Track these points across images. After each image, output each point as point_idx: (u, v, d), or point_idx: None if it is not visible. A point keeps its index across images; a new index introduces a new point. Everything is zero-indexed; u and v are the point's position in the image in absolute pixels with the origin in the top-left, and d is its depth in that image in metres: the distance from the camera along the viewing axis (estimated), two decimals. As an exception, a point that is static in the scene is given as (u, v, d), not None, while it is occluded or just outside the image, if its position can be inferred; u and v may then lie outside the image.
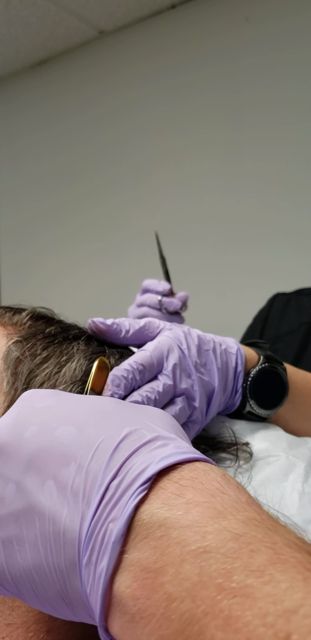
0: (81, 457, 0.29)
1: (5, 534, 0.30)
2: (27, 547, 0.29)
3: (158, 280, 1.04)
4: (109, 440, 0.29)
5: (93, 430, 0.30)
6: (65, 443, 0.30)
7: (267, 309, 1.14)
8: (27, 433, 0.31)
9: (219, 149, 1.86)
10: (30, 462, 0.30)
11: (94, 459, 0.28)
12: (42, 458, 0.30)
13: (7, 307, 0.51)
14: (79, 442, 0.29)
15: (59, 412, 0.32)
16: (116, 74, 2.11)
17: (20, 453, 0.30)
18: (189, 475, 0.27)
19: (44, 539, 0.28)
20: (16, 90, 2.42)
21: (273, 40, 1.75)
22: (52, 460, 0.29)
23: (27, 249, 2.41)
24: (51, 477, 0.29)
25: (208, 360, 0.48)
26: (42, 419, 0.31)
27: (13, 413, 0.33)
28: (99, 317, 0.49)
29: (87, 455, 0.29)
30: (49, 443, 0.30)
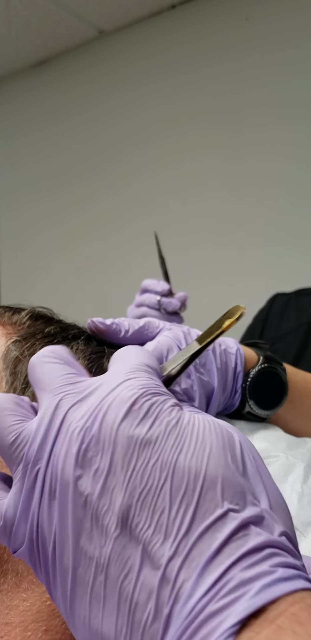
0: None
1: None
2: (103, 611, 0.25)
3: (157, 281, 1.04)
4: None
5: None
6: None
7: (267, 309, 1.14)
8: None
9: (220, 148, 1.86)
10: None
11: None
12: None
13: (6, 307, 0.50)
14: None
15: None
16: (116, 74, 2.11)
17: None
18: (291, 611, 0.21)
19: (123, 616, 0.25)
20: (16, 90, 2.42)
21: (273, 41, 1.75)
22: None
23: (27, 248, 2.41)
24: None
25: (207, 360, 0.48)
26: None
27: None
28: (98, 317, 0.49)
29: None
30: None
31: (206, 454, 0.25)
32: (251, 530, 0.23)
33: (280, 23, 1.73)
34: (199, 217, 1.91)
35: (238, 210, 1.82)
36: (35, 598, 0.38)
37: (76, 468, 0.27)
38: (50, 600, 0.38)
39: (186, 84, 1.93)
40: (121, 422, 0.27)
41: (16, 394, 0.43)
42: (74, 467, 0.27)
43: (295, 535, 0.26)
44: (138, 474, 0.25)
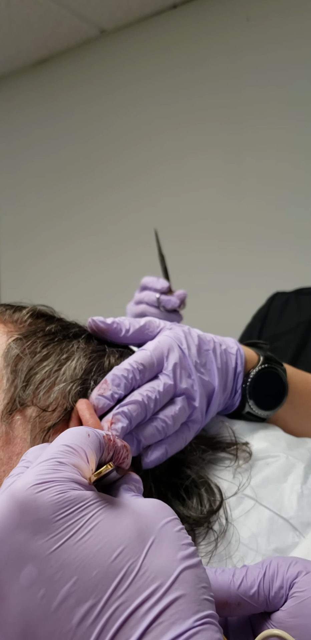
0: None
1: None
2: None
3: (156, 278, 1.04)
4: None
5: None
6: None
7: (266, 308, 1.14)
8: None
9: (220, 147, 1.86)
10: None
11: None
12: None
13: (7, 305, 0.51)
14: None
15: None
16: (116, 73, 2.11)
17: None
18: None
19: None
20: (17, 89, 2.42)
21: (273, 41, 1.75)
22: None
23: (27, 246, 2.40)
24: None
25: (208, 360, 0.48)
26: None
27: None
28: (99, 316, 0.49)
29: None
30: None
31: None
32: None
33: (281, 23, 1.73)
34: (198, 215, 1.91)
35: (237, 209, 1.82)
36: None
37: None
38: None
39: (186, 84, 1.93)
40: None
41: (18, 393, 0.43)
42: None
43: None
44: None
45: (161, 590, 0.24)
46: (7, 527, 0.26)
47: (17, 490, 0.27)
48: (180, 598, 0.24)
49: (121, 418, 0.41)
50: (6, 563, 0.26)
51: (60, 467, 0.28)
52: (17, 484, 0.27)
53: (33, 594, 0.25)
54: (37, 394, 0.43)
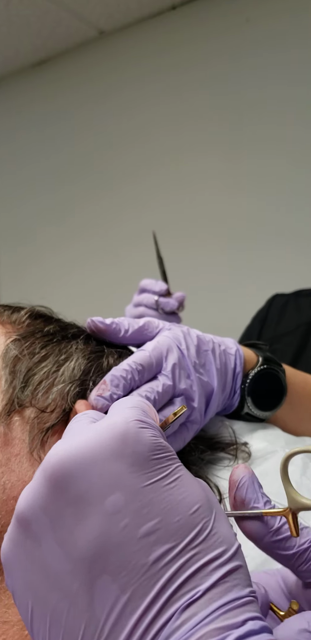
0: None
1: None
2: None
3: (155, 280, 1.04)
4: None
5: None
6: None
7: (266, 309, 1.14)
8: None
9: (219, 148, 1.87)
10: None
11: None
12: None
13: (6, 306, 0.50)
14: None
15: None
16: (115, 74, 2.11)
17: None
18: None
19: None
20: (16, 90, 2.42)
21: (272, 42, 1.75)
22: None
23: (26, 246, 2.40)
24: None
25: (207, 360, 0.48)
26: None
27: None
28: (98, 317, 0.49)
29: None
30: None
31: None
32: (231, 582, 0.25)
33: (280, 24, 1.73)
34: (197, 216, 1.91)
35: (236, 210, 1.82)
36: (33, 597, 0.38)
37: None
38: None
39: (185, 84, 1.93)
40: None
41: (17, 394, 0.43)
42: None
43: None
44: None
45: (227, 554, 0.26)
46: (106, 452, 0.27)
47: (119, 422, 0.28)
48: (240, 568, 0.26)
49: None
50: (96, 485, 0.26)
51: (147, 416, 0.29)
52: (118, 417, 0.28)
53: (116, 521, 0.26)
54: (35, 395, 0.43)
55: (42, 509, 0.27)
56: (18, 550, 0.28)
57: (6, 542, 0.29)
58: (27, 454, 0.41)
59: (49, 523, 0.27)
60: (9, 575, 0.28)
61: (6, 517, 0.39)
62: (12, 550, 0.28)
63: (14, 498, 0.40)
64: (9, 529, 0.29)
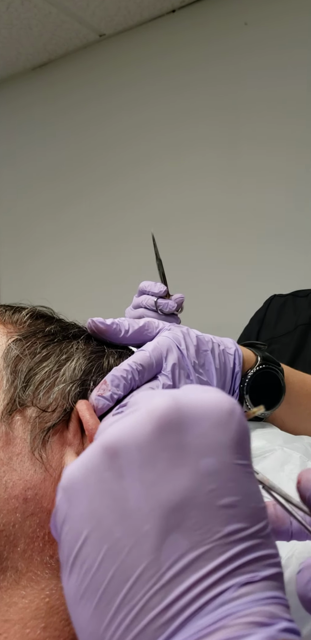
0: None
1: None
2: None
3: (154, 282, 1.04)
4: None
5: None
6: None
7: (264, 310, 1.15)
8: None
9: (217, 145, 1.87)
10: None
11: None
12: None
13: (7, 306, 0.51)
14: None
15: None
16: (115, 77, 2.12)
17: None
18: None
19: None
20: (17, 92, 2.42)
21: (271, 45, 1.76)
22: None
23: (26, 242, 2.41)
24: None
25: (206, 360, 0.49)
26: None
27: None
28: (98, 317, 0.49)
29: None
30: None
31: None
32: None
33: (278, 27, 1.74)
34: (195, 212, 1.91)
35: (235, 210, 1.83)
36: (34, 595, 0.39)
37: None
38: (49, 598, 0.39)
39: (185, 87, 1.94)
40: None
41: (18, 393, 0.44)
42: None
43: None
44: None
45: (278, 558, 0.28)
46: (214, 417, 0.28)
47: (227, 399, 0.30)
48: (282, 576, 0.28)
49: (120, 419, 0.42)
50: (198, 442, 0.28)
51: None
52: (224, 395, 0.30)
53: (204, 483, 0.27)
54: (36, 395, 0.43)
55: (137, 446, 0.28)
56: (92, 477, 0.28)
57: (77, 467, 0.29)
58: (29, 453, 0.41)
59: (139, 461, 0.28)
60: (68, 499, 0.29)
61: (8, 516, 0.40)
62: (83, 475, 0.29)
63: (16, 497, 0.40)
64: (87, 455, 0.29)
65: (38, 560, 0.39)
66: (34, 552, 0.39)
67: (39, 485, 0.40)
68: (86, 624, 0.27)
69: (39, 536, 0.40)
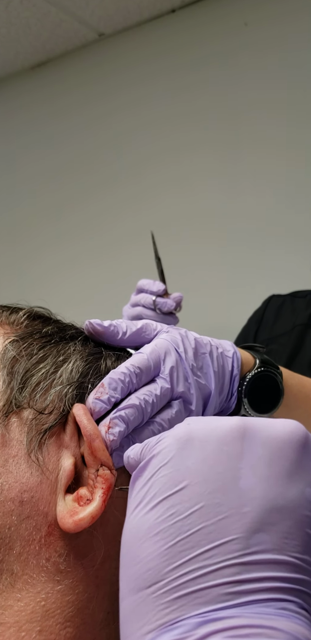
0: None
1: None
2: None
3: (152, 281, 1.04)
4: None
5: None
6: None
7: (262, 310, 1.15)
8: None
9: (217, 148, 1.87)
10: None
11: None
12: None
13: (4, 306, 0.51)
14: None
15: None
16: (115, 76, 2.11)
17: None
18: None
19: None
20: (15, 91, 2.42)
21: (271, 46, 1.76)
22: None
23: (24, 245, 2.40)
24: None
25: (204, 363, 0.49)
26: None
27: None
28: (96, 319, 0.49)
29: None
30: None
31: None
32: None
33: (278, 28, 1.74)
34: (195, 216, 1.91)
35: (234, 212, 1.83)
36: (30, 598, 0.39)
37: None
38: (45, 601, 0.39)
39: (185, 87, 1.94)
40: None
41: (14, 395, 0.43)
42: None
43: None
44: None
45: None
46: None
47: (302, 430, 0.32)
48: None
49: (118, 422, 0.41)
50: (310, 471, 0.30)
51: None
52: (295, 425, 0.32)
53: (305, 506, 0.29)
54: (33, 397, 0.43)
55: (263, 442, 0.30)
56: (213, 443, 0.31)
57: (201, 428, 0.31)
58: (25, 456, 0.41)
59: (261, 455, 0.30)
60: (179, 449, 0.31)
61: (3, 519, 0.39)
62: (205, 437, 0.31)
63: (12, 500, 0.40)
64: (214, 422, 0.32)
65: (34, 563, 0.39)
66: (30, 555, 0.39)
67: (35, 487, 0.40)
68: (149, 558, 0.29)
69: (35, 539, 0.39)
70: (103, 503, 0.39)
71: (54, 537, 0.40)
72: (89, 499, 0.40)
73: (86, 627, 0.39)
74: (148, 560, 0.29)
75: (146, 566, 0.29)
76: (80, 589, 0.39)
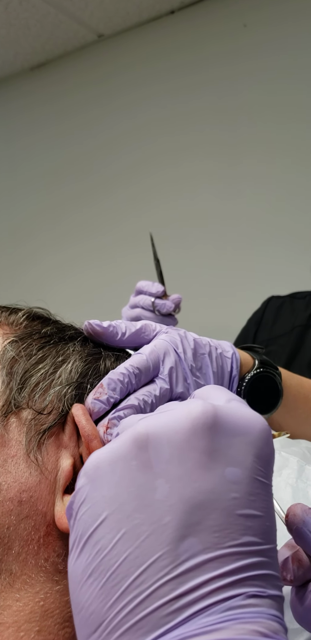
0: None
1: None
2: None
3: (151, 282, 1.04)
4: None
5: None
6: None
7: (261, 311, 1.15)
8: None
9: (216, 150, 1.87)
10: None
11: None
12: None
13: (3, 307, 0.51)
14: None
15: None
16: (114, 78, 2.12)
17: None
18: None
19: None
20: (15, 92, 2.42)
21: (270, 47, 1.76)
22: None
23: (23, 247, 2.40)
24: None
25: (203, 364, 0.49)
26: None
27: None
28: (95, 319, 0.49)
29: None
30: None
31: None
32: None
33: (278, 30, 1.75)
34: (194, 219, 1.91)
35: (233, 213, 1.83)
36: (29, 598, 0.39)
37: None
38: (43, 601, 0.39)
39: (184, 88, 1.94)
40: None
41: (14, 395, 0.43)
42: None
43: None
44: None
45: (280, 581, 0.30)
46: (250, 437, 0.30)
47: (261, 420, 0.31)
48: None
49: (116, 423, 0.41)
50: (228, 451, 0.29)
51: None
52: (259, 417, 0.31)
53: (229, 490, 0.28)
54: (32, 397, 0.43)
55: (168, 441, 0.29)
56: (119, 463, 0.29)
57: (105, 453, 0.30)
58: (24, 456, 0.41)
59: (169, 455, 0.28)
60: (91, 481, 0.29)
61: (2, 519, 0.39)
62: (110, 460, 0.29)
63: (10, 499, 0.40)
64: (116, 443, 0.30)
65: (33, 563, 0.39)
66: (28, 555, 0.39)
67: (34, 487, 0.40)
68: (89, 603, 0.27)
69: (34, 539, 0.39)
70: None
71: (53, 537, 0.40)
72: (87, 499, 0.40)
73: None
74: (88, 605, 0.27)
75: (88, 611, 0.27)
76: None
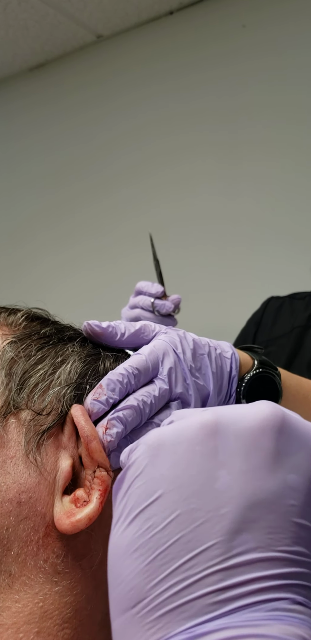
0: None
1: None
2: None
3: (151, 283, 1.04)
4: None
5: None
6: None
7: (261, 312, 1.15)
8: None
9: (216, 150, 1.87)
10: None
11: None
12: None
13: (2, 308, 0.51)
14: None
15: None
16: (113, 78, 2.12)
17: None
18: None
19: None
20: (13, 93, 2.42)
21: (269, 47, 1.76)
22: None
23: (23, 248, 2.40)
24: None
25: (203, 364, 0.48)
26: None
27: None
28: (94, 320, 0.49)
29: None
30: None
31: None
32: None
33: (277, 30, 1.75)
34: (194, 219, 1.91)
35: (233, 213, 1.83)
36: (28, 600, 0.38)
37: None
38: (43, 602, 0.39)
39: (183, 88, 1.94)
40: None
41: (12, 396, 0.43)
42: None
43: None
44: None
45: None
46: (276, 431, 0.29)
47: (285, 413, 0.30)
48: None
49: (116, 423, 0.41)
50: (292, 458, 0.29)
51: None
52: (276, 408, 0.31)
53: (287, 495, 0.28)
54: (31, 398, 0.43)
55: (235, 434, 0.29)
56: (183, 445, 0.29)
57: (170, 432, 0.30)
58: (23, 456, 0.41)
59: (235, 449, 0.29)
60: (150, 456, 0.29)
61: (1, 520, 0.39)
62: (175, 440, 0.29)
63: (9, 500, 0.40)
64: (183, 424, 0.30)
65: (32, 564, 0.39)
66: (27, 556, 0.39)
67: (33, 488, 0.40)
68: (131, 577, 0.27)
69: (33, 540, 0.39)
70: (100, 505, 0.39)
71: (52, 538, 0.40)
72: (86, 500, 0.40)
73: (84, 628, 0.39)
74: (130, 579, 0.28)
75: (129, 585, 0.27)
76: (78, 590, 0.39)
